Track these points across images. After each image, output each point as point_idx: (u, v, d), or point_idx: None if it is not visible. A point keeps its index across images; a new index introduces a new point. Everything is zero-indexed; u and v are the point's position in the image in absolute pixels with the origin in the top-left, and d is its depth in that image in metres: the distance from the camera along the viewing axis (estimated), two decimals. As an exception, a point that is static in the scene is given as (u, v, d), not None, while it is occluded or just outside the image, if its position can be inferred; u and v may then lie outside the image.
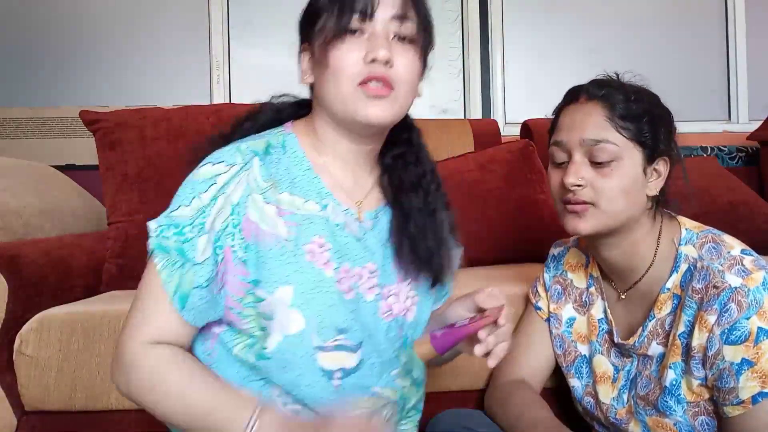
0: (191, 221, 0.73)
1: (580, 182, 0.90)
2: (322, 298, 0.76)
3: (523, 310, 1.20)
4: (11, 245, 1.25)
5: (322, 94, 0.79)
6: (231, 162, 0.75)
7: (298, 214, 0.78)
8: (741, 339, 0.83)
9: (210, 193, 0.74)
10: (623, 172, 0.90)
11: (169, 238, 0.73)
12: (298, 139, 0.82)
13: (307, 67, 0.82)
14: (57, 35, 2.40)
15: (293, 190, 0.79)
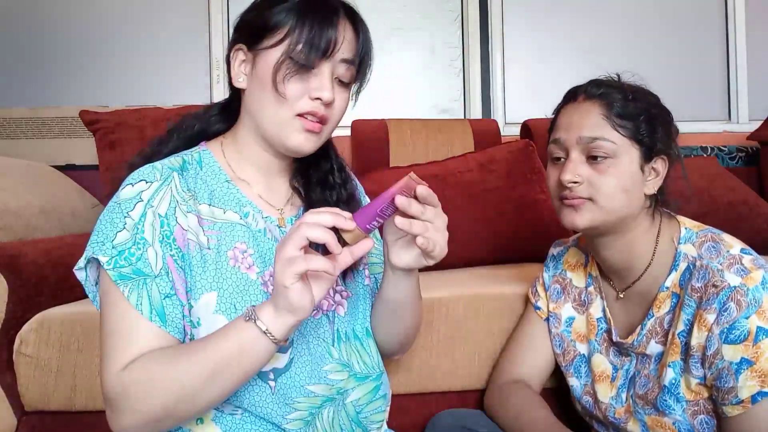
0: (133, 240, 0.75)
1: (576, 179, 0.91)
2: (247, 301, 0.78)
3: (523, 310, 1.20)
4: (11, 245, 1.25)
5: (256, 108, 0.82)
6: (150, 179, 0.78)
7: (218, 223, 0.81)
8: (740, 338, 0.83)
9: (138, 210, 0.76)
10: (620, 170, 0.90)
11: (123, 266, 0.74)
12: (213, 155, 0.86)
13: (240, 71, 0.83)
14: (57, 35, 2.40)
15: (212, 201, 0.83)
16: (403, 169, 1.74)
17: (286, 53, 0.78)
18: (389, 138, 2.01)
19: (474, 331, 1.22)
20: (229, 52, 0.85)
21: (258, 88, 0.81)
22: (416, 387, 1.21)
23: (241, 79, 0.83)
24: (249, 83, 0.83)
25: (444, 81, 2.62)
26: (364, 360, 0.87)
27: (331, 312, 0.86)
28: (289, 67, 0.78)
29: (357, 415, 0.86)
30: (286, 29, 0.79)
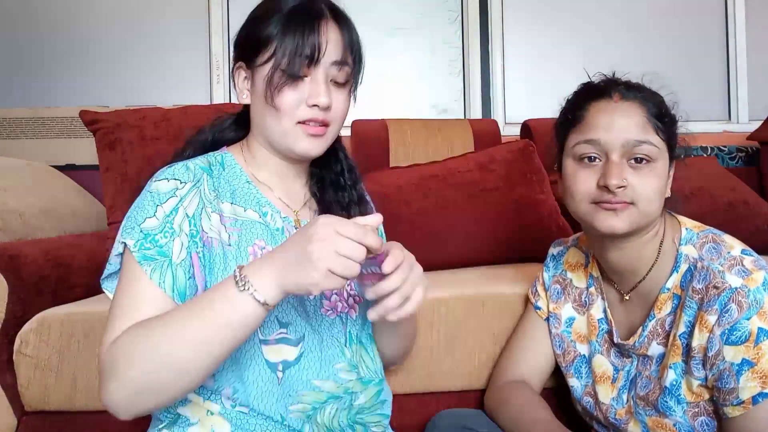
0: (161, 228, 0.77)
1: (624, 183, 0.87)
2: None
3: (523, 310, 1.20)
4: (11, 245, 1.25)
5: (261, 122, 0.86)
6: (185, 179, 0.81)
7: (240, 221, 0.84)
8: (741, 339, 0.83)
9: (171, 203, 0.79)
10: (658, 173, 0.89)
11: (149, 248, 0.76)
12: (234, 158, 0.90)
13: (243, 87, 0.87)
14: (57, 35, 2.40)
15: (234, 200, 0.85)
16: (404, 169, 1.74)
17: (275, 66, 0.81)
18: (389, 138, 2.01)
19: (474, 331, 1.22)
20: (232, 70, 0.89)
21: (259, 102, 0.84)
22: (416, 387, 1.21)
23: (245, 95, 0.87)
24: (252, 99, 0.87)
25: (444, 81, 2.62)
26: (368, 365, 0.90)
27: (344, 314, 0.89)
28: (279, 78, 0.81)
29: (356, 415, 0.88)
30: (274, 43, 0.82)
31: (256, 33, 0.83)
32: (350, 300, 0.90)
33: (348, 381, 0.86)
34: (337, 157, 0.96)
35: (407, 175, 1.69)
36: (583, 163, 0.91)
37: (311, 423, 0.83)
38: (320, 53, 0.81)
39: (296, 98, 0.82)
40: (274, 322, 0.81)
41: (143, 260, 0.75)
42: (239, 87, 0.88)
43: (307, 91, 0.82)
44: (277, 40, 0.81)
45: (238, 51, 0.88)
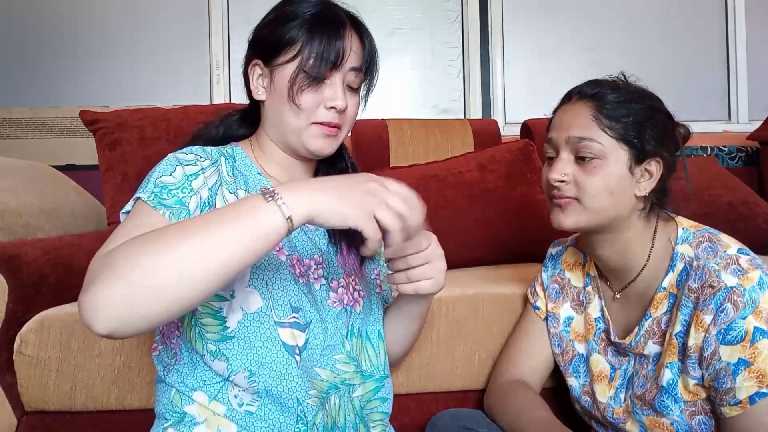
0: (179, 185, 0.79)
1: (563, 178, 0.92)
2: (277, 278, 0.82)
3: (522, 310, 1.20)
4: (11, 245, 1.25)
5: (277, 118, 0.88)
6: (204, 156, 0.84)
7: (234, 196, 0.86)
8: (737, 339, 0.83)
9: (191, 168, 0.81)
10: (607, 171, 0.90)
11: (165, 198, 0.77)
12: (244, 152, 0.92)
13: (259, 85, 0.90)
14: (57, 35, 2.41)
15: (247, 188, 0.87)
16: (404, 169, 1.74)
17: (300, 67, 0.84)
18: (389, 138, 2.01)
19: (474, 331, 1.22)
20: (247, 67, 0.91)
21: (277, 100, 0.87)
22: (416, 387, 1.21)
23: (260, 92, 0.90)
24: (268, 96, 0.89)
25: (444, 81, 2.63)
26: (372, 360, 0.91)
27: (349, 307, 0.90)
28: (302, 80, 0.85)
29: (361, 410, 0.89)
30: (299, 45, 0.85)
31: (279, 34, 0.86)
32: (355, 294, 0.92)
33: (345, 372, 0.86)
34: (342, 156, 1.00)
35: (407, 175, 1.69)
36: (546, 162, 0.98)
37: (324, 412, 0.84)
38: (344, 59, 0.85)
39: (316, 99, 0.86)
40: (287, 305, 0.81)
41: (159, 205, 0.75)
42: (254, 84, 0.90)
43: (326, 93, 0.86)
44: (302, 43, 0.84)
45: (254, 49, 0.90)
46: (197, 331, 0.80)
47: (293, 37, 0.85)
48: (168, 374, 0.84)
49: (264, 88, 0.90)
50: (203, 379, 0.81)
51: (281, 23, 0.86)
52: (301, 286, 0.84)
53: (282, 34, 0.86)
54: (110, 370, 1.13)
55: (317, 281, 0.88)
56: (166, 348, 0.86)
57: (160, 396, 0.85)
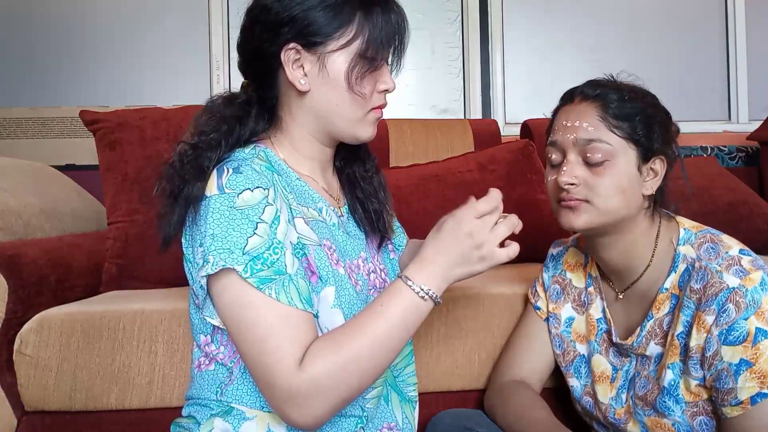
0: (268, 245, 0.73)
1: (573, 181, 0.91)
2: (347, 296, 0.81)
3: (523, 310, 1.20)
4: (11, 245, 1.25)
5: (328, 109, 0.82)
6: (266, 185, 0.75)
7: (311, 221, 0.82)
8: (739, 339, 0.83)
9: (269, 213, 0.74)
10: (617, 171, 0.90)
11: (262, 269, 0.72)
12: (273, 153, 0.85)
13: (299, 73, 0.81)
14: (57, 35, 2.40)
15: (298, 199, 0.82)
16: (404, 169, 1.74)
17: (360, 52, 0.79)
18: (389, 138, 2.01)
19: (474, 331, 1.22)
20: (279, 49, 0.80)
21: (330, 89, 0.80)
22: (416, 387, 1.21)
23: (303, 82, 0.81)
24: (314, 85, 0.81)
25: (444, 81, 2.63)
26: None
27: (381, 288, 0.89)
28: (362, 66, 0.79)
29: (395, 379, 0.91)
30: (355, 26, 0.78)
31: (327, 16, 0.77)
32: (382, 274, 0.92)
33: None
34: (367, 150, 0.97)
35: (407, 175, 1.69)
36: (550, 165, 0.97)
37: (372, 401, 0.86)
38: (402, 41, 0.82)
39: (372, 84, 0.82)
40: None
41: (262, 284, 0.71)
42: (292, 72, 0.80)
43: (378, 76, 0.82)
44: (361, 22, 0.78)
45: (288, 30, 0.79)
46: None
47: (348, 20, 0.78)
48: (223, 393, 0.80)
49: (305, 75, 0.80)
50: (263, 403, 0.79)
51: (330, 5, 0.78)
52: (360, 296, 0.83)
53: (334, 14, 0.77)
54: (110, 370, 1.13)
55: (366, 277, 0.88)
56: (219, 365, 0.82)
57: (201, 384, 0.82)
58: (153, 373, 1.14)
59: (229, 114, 0.83)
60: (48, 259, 1.29)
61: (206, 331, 0.82)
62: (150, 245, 1.46)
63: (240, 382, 0.80)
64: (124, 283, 1.45)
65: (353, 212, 0.93)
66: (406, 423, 0.91)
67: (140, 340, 1.14)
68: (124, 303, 1.22)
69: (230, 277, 0.72)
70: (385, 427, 0.89)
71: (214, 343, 0.82)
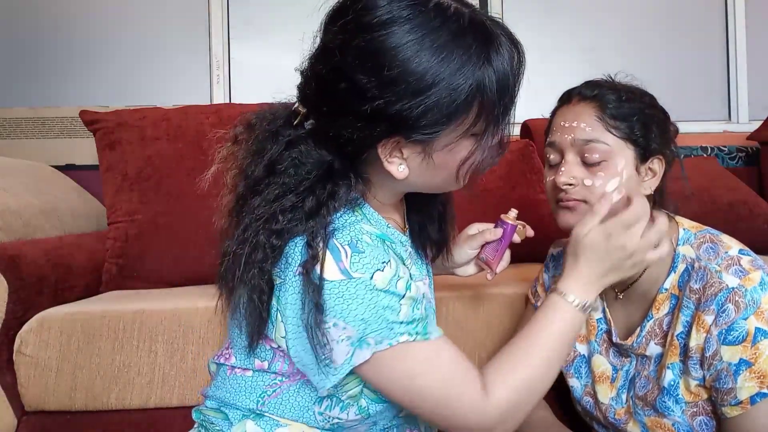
0: (412, 306, 0.72)
1: (571, 181, 0.91)
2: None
3: (523, 310, 1.20)
4: (11, 245, 1.25)
5: (422, 185, 0.78)
6: (387, 258, 0.71)
7: (414, 276, 0.80)
8: (739, 339, 0.83)
9: (401, 285, 0.71)
10: (615, 171, 0.90)
11: (417, 326, 0.72)
12: (367, 205, 0.79)
13: (398, 160, 0.72)
14: (57, 35, 2.40)
15: (398, 252, 0.79)
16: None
17: (476, 148, 0.72)
18: (389, 138, 2.01)
19: (474, 331, 1.22)
20: (376, 142, 0.69)
21: (434, 174, 0.74)
22: (416, 387, 1.21)
23: (400, 168, 0.72)
24: (413, 171, 0.73)
25: (444, 81, 2.62)
26: None
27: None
28: (477, 154, 0.72)
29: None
30: (472, 115, 0.68)
31: (444, 110, 0.65)
32: (426, 281, 0.92)
33: None
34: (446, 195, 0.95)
35: (407, 175, 1.69)
36: (548, 165, 0.97)
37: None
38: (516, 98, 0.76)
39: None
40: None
41: (422, 336, 0.72)
42: (389, 161, 0.71)
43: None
44: (479, 107, 0.67)
45: (393, 128, 0.67)
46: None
47: (468, 98, 0.66)
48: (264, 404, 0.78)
49: (404, 160, 0.72)
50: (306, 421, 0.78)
51: (445, 91, 0.64)
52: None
53: (450, 104, 0.65)
54: (110, 370, 1.13)
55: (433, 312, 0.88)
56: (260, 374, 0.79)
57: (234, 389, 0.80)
58: (153, 373, 1.14)
59: (329, 198, 0.72)
60: (48, 259, 1.29)
61: (264, 356, 0.78)
62: (150, 245, 1.46)
63: (287, 396, 0.78)
64: (124, 283, 1.45)
65: (413, 236, 0.90)
66: (427, 429, 0.91)
67: (140, 340, 1.14)
68: (124, 303, 1.22)
69: (396, 350, 0.70)
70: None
71: (272, 368, 0.78)
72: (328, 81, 0.68)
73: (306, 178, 0.72)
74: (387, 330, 0.69)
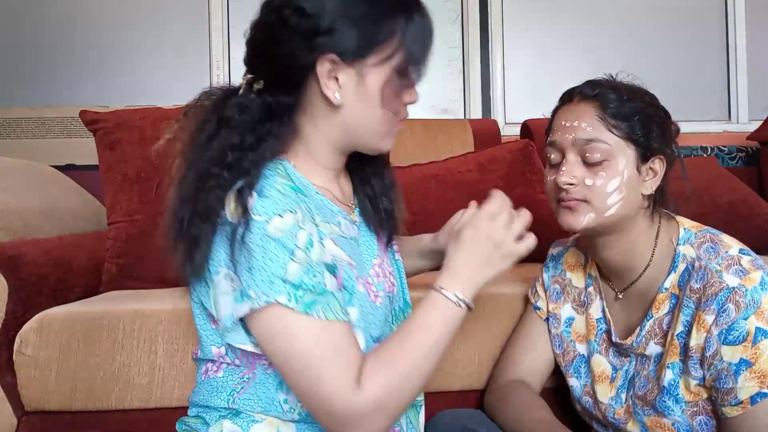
0: (307, 269, 0.71)
1: (572, 181, 0.91)
2: (367, 314, 0.81)
3: (523, 310, 1.20)
4: (11, 245, 1.25)
5: (359, 124, 0.80)
6: (294, 208, 0.72)
7: (336, 238, 0.80)
8: (739, 339, 0.83)
9: (303, 238, 0.71)
10: (616, 171, 0.90)
11: (303, 295, 0.71)
12: (292, 166, 0.81)
13: (335, 87, 0.76)
14: (57, 35, 2.40)
15: (323, 216, 0.80)
16: (404, 169, 1.74)
17: (396, 68, 0.77)
18: (389, 138, 2.01)
19: (474, 331, 1.22)
20: (315, 60, 0.75)
21: (365, 105, 0.78)
22: (416, 387, 1.21)
23: (337, 95, 0.76)
24: (347, 99, 0.77)
25: (444, 81, 2.62)
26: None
27: (391, 294, 0.88)
28: (398, 82, 0.78)
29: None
30: (395, 43, 0.76)
31: (376, 25, 0.74)
32: (391, 278, 0.90)
33: None
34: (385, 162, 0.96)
35: (407, 175, 1.69)
36: (549, 165, 0.97)
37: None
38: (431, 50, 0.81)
39: (402, 98, 0.82)
40: (372, 341, 0.82)
41: (308, 309, 0.70)
42: (327, 85, 0.76)
43: (407, 90, 0.82)
44: (402, 37, 0.76)
45: (330, 43, 0.74)
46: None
47: (391, 30, 0.75)
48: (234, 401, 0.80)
49: (340, 88, 0.76)
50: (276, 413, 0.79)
51: (376, 17, 0.75)
52: (379, 310, 0.83)
53: (378, 26, 0.74)
54: (110, 370, 1.13)
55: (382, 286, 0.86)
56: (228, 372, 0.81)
57: (208, 392, 0.81)
58: (153, 373, 1.14)
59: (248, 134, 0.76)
60: (48, 259, 1.29)
61: (219, 342, 0.81)
62: (150, 245, 1.46)
63: (254, 390, 0.79)
64: (124, 283, 1.45)
65: (364, 213, 0.91)
66: (410, 428, 0.91)
67: (140, 340, 1.14)
68: (124, 303, 1.22)
69: (274, 310, 0.70)
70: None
71: (229, 354, 0.80)
72: (264, 24, 0.78)
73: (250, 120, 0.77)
74: (267, 285, 0.69)
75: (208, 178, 0.74)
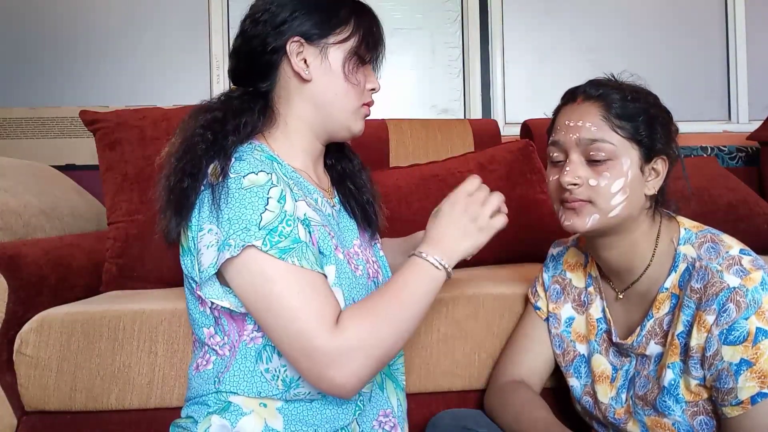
0: (281, 218, 0.77)
1: (576, 181, 0.91)
2: (346, 278, 0.84)
3: (523, 310, 1.20)
4: (11, 245, 1.25)
5: (327, 100, 0.89)
6: (268, 170, 0.80)
7: (311, 206, 0.86)
8: (740, 339, 0.83)
9: (276, 192, 0.78)
10: (620, 171, 0.90)
11: (280, 241, 0.76)
12: (268, 147, 0.88)
13: (304, 65, 0.88)
14: (57, 35, 2.40)
15: (298, 188, 0.86)
16: (404, 169, 1.74)
17: (356, 47, 0.89)
18: (389, 138, 2.01)
19: (474, 331, 1.22)
20: (284, 43, 0.87)
21: (330, 79, 0.88)
22: (416, 387, 1.21)
23: (306, 72, 0.88)
24: (315, 75, 0.88)
25: (444, 81, 2.62)
26: None
27: (375, 279, 0.93)
28: (356, 60, 0.89)
29: (389, 368, 0.97)
30: (350, 29, 0.89)
31: (332, 12, 0.88)
32: (375, 266, 0.96)
33: None
34: (351, 149, 1.04)
35: (407, 175, 1.69)
36: (552, 165, 0.97)
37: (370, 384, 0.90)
38: (382, 49, 0.93)
39: (363, 81, 0.91)
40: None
41: (283, 254, 0.75)
42: (297, 63, 0.87)
43: (367, 77, 0.92)
44: (356, 24, 0.89)
45: (294, 28, 0.87)
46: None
47: (347, 16, 0.89)
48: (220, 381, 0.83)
49: (308, 66, 0.88)
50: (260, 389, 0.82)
51: (332, 3, 0.89)
52: (360, 280, 0.87)
53: (336, 13, 0.88)
54: (110, 370, 1.13)
55: (364, 263, 0.91)
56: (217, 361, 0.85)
57: (198, 383, 0.85)
58: (153, 373, 1.14)
59: (232, 117, 0.85)
60: (48, 259, 1.29)
61: (208, 323, 0.85)
62: (150, 245, 1.45)
63: (237, 367, 0.82)
64: (124, 283, 1.45)
65: (346, 203, 0.98)
66: (399, 410, 0.95)
67: (140, 340, 1.14)
68: (124, 303, 1.22)
69: (250, 255, 0.75)
70: (381, 414, 0.92)
71: (218, 333, 0.84)
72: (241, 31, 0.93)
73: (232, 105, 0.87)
74: (244, 231, 0.74)
75: (196, 142, 0.82)
